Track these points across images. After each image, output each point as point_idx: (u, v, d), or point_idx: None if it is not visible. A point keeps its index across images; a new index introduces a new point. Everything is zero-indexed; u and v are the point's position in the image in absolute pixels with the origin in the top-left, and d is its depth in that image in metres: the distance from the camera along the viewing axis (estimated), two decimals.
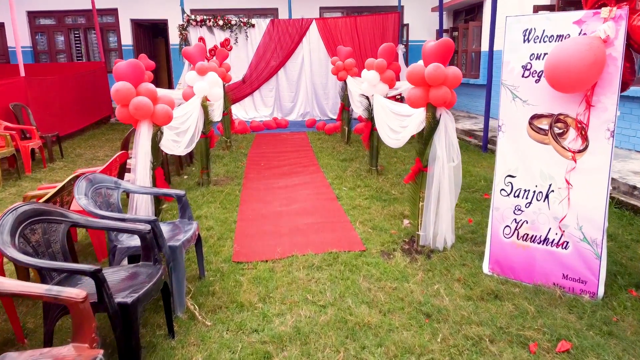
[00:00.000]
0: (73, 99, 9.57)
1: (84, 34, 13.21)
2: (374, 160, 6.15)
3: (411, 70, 3.56)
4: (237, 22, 11.42)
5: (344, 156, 7.27)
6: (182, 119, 4.49)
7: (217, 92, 5.60)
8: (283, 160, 7.24)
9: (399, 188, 5.47)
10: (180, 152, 4.34)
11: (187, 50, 5.51)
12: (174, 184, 5.94)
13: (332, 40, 11.64)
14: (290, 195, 5.41)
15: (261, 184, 5.95)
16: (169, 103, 3.53)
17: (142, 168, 3.39)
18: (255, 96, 11.94)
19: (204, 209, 4.86)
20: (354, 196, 5.20)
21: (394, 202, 4.96)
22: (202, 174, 5.81)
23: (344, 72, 7.87)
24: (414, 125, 3.99)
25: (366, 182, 5.71)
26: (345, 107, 8.24)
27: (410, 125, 4.07)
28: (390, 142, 4.87)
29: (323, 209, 4.83)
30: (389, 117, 5.17)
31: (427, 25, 13.55)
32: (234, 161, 7.17)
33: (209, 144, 5.75)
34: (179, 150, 4.31)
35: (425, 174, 3.71)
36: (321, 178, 6.05)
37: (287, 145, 8.49)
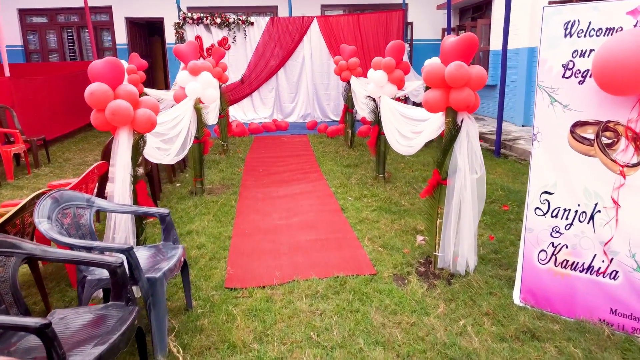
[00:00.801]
0: (63, 100, 9.13)
1: (77, 32, 12.76)
2: (380, 167, 5.70)
3: (429, 70, 3.11)
4: (235, 20, 10.99)
5: (347, 161, 6.82)
6: (172, 124, 4.05)
7: (212, 94, 5.15)
8: (283, 165, 6.79)
9: (409, 198, 5.03)
10: (169, 161, 3.90)
11: (178, 49, 5.07)
12: (166, 193, 5.50)
13: (334, 39, 11.20)
14: (290, 205, 4.96)
15: (259, 192, 5.51)
16: (152, 107, 3.09)
17: (120, 183, 2.94)
18: (254, 97, 11.51)
19: (195, 223, 4.41)
20: (361, 207, 4.75)
21: (404, 215, 4.51)
22: (196, 183, 5.36)
23: (348, 72, 7.43)
24: (429, 131, 3.55)
25: (373, 191, 5.26)
26: (348, 109, 7.80)
27: (425, 131, 3.62)
28: (401, 148, 4.43)
29: (327, 222, 4.39)
30: (398, 121, 4.73)
31: (432, 24, 13.11)
32: (230, 167, 6.73)
33: (203, 149, 5.30)
34: (168, 159, 3.86)
35: (444, 187, 3.27)
36: (324, 186, 5.60)
37: (287, 149, 8.04)
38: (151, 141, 3.41)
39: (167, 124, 3.90)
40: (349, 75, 7.43)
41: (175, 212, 4.78)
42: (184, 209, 4.84)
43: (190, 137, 4.70)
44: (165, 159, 3.77)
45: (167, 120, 3.89)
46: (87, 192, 3.31)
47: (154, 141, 3.46)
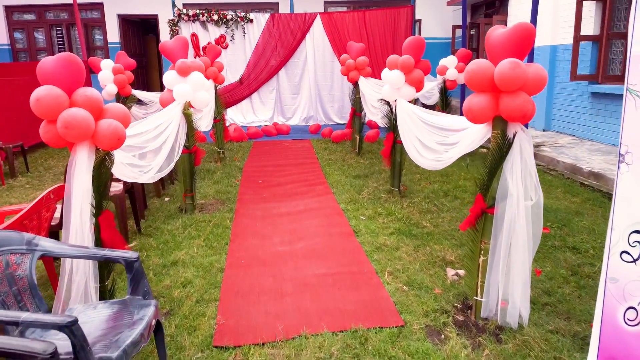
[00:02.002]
0: None
1: (67, 30, 12.09)
2: (396, 180, 5.03)
3: (474, 70, 2.44)
4: (233, 17, 10.33)
5: (356, 171, 6.15)
6: (153, 134, 3.38)
7: (203, 97, 4.48)
8: (285, 175, 6.12)
9: (431, 217, 4.36)
10: (148, 179, 3.23)
11: (164, 45, 4.41)
12: (152, 209, 4.82)
13: (338, 37, 10.54)
14: (294, 226, 4.30)
15: (258, 209, 4.84)
16: (120, 117, 2.42)
17: (77, 216, 2.28)
18: (254, 99, 10.84)
19: (183, 249, 3.74)
20: (376, 230, 4.09)
21: (428, 240, 3.84)
22: (186, 198, 4.69)
23: (356, 72, 6.76)
24: (465, 144, 2.89)
25: (388, 209, 4.59)
26: (356, 113, 7.13)
27: (460, 143, 2.96)
28: (424, 162, 3.75)
29: (338, 250, 3.71)
30: (419, 129, 4.06)
31: (441, 21, 12.44)
32: (226, 177, 6.06)
33: (194, 161, 4.64)
34: (147, 177, 3.19)
35: (490, 217, 2.60)
36: (332, 202, 4.93)
37: (289, 155, 7.37)
38: (123, 157, 2.74)
39: (147, 134, 3.23)
40: (357, 76, 6.77)
41: (160, 234, 4.11)
42: (170, 231, 4.17)
43: (178, 147, 4.03)
44: (143, 177, 3.10)
45: (146, 131, 3.22)
46: (41, 223, 2.64)
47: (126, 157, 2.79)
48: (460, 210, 4.52)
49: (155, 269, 3.41)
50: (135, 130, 3.04)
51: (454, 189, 5.20)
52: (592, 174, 5.45)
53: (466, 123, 3.04)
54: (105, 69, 6.56)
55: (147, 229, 4.27)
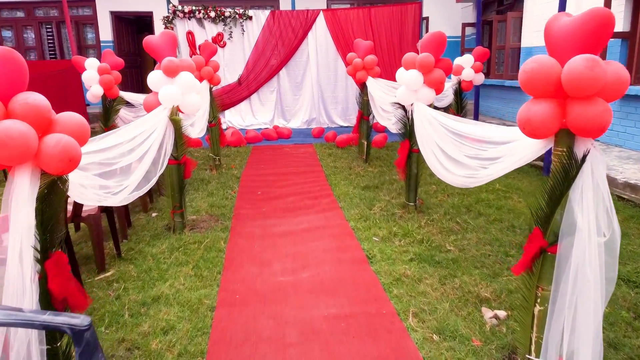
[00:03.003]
0: None
1: (57, 28, 11.55)
2: (411, 193, 4.47)
3: (534, 69, 1.88)
4: (231, 14, 9.78)
5: (365, 181, 5.59)
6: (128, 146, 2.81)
7: (194, 101, 3.93)
8: (286, 186, 5.56)
9: (455, 239, 3.80)
10: (120, 201, 2.67)
11: (149, 42, 3.85)
12: (136, 227, 4.27)
13: (342, 35, 9.99)
14: (297, 249, 3.74)
15: (256, 226, 4.29)
16: (75, 129, 1.86)
17: (14, 263, 1.72)
18: (253, 100, 10.29)
19: (167, 281, 3.18)
20: (392, 255, 3.53)
21: (455, 268, 3.29)
22: (174, 216, 4.13)
23: (364, 72, 6.20)
24: (511, 160, 2.33)
25: (405, 228, 4.04)
26: (363, 116, 6.57)
27: (505, 159, 2.40)
28: (451, 178, 3.19)
29: (349, 282, 3.15)
30: (443, 139, 3.50)
31: (450, 19, 11.89)
32: (222, 188, 5.50)
33: (183, 173, 4.08)
34: (119, 199, 2.63)
35: (551, 257, 2.04)
36: (340, 219, 4.37)
37: (291, 162, 6.82)
38: (83, 177, 2.18)
39: (120, 147, 2.67)
40: (365, 76, 6.21)
41: (143, 260, 3.55)
42: (155, 256, 3.61)
43: (163, 158, 3.48)
44: (113, 200, 2.54)
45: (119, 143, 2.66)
46: None
47: (87, 177, 2.23)
48: (488, 230, 3.96)
49: (133, 307, 2.85)
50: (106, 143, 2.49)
51: (476, 203, 4.64)
52: (627, 186, 4.89)
53: (509, 134, 2.49)
54: (89, 68, 5.99)
55: (129, 252, 3.72)
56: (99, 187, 2.35)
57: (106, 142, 2.50)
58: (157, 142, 3.40)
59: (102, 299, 2.96)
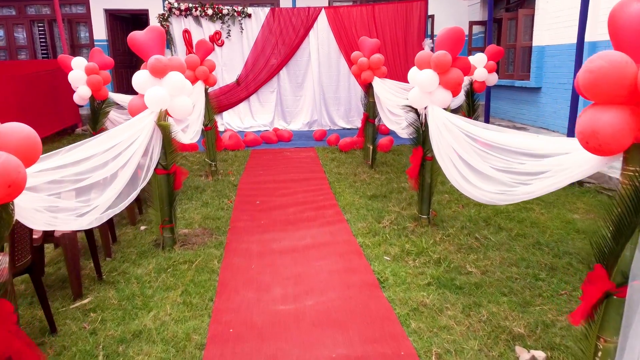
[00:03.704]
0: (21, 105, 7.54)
1: (49, 27, 11.14)
2: (424, 205, 4.07)
3: (602, 68, 1.49)
4: (230, 11, 9.39)
5: (372, 189, 5.19)
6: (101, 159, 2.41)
7: (184, 104, 3.53)
8: (287, 195, 5.17)
9: (475, 258, 3.40)
10: (87, 224, 2.27)
11: (134, 38, 3.44)
12: (122, 243, 3.87)
13: (345, 34, 9.61)
14: (299, 269, 3.34)
15: (254, 242, 3.89)
16: (19, 145, 1.47)
17: None
18: (252, 101, 9.90)
19: (152, 311, 2.78)
20: (407, 278, 3.13)
21: (479, 294, 2.89)
22: (163, 231, 3.73)
23: (370, 72, 5.80)
24: (559, 179, 1.94)
25: (418, 245, 3.64)
26: (369, 119, 6.17)
27: (551, 174, 2.01)
28: (477, 193, 2.80)
29: (360, 313, 2.76)
30: (464, 147, 3.12)
31: (456, 17, 11.48)
32: (218, 197, 5.10)
33: (173, 183, 3.68)
34: (85, 222, 2.23)
35: (616, 302, 1.64)
36: (346, 233, 3.98)
37: (292, 167, 6.42)
38: (38, 200, 1.78)
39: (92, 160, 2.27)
40: (371, 77, 5.81)
41: (126, 283, 3.15)
42: (140, 278, 3.21)
43: (146, 170, 3.08)
44: (77, 223, 2.13)
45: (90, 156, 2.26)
46: None
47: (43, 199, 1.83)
48: (511, 248, 3.56)
49: (109, 346, 2.45)
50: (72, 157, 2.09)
51: (494, 215, 4.24)
52: None
53: (552, 146, 2.10)
54: (76, 68, 5.61)
55: (112, 273, 3.32)
56: (59, 210, 1.95)
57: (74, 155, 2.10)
58: (139, 152, 3.00)
59: (75, 334, 2.57)
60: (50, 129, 8.65)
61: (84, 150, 2.21)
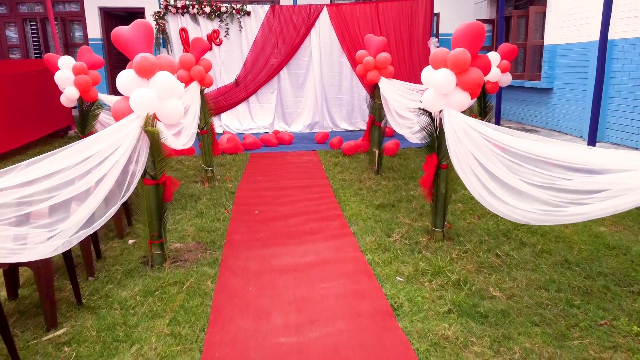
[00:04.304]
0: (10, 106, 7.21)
1: (42, 25, 10.80)
2: (439, 217, 3.72)
3: None
4: (228, 9, 9.04)
5: (379, 198, 4.84)
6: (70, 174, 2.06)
7: (174, 108, 3.18)
8: (288, 204, 4.82)
9: (498, 279, 3.05)
10: (50, 252, 1.93)
11: (118, 34, 3.08)
12: (107, 260, 3.52)
13: (348, 32, 9.26)
14: (302, 292, 2.99)
15: (252, 258, 3.54)
16: None
17: None
18: (252, 102, 9.55)
19: (135, 345, 2.43)
20: (424, 304, 2.78)
21: (507, 324, 2.54)
22: (152, 247, 3.38)
23: (376, 72, 5.45)
24: (625, 201, 1.59)
25: (434, 262, 3.29)
26: (375, 122, 5.82)
27: (623, 191, 1.66)
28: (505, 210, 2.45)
29: (372, 350, 2.40)
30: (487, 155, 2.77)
31: (462, 15, 11.15)
32: (213, 206, 4.75)
33: (162, 195, 3.33)
34: (49, 250, 1.89)
35: None
36: (353, 249, 3.63)
37: (293, 173, 6.07)
38: None
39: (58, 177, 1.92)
40: (378, 77, 5.46)
41: (108, 309, 2.80)
42: (124, 303, 2.86)
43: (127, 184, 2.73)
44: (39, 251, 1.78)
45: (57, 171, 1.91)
46: None
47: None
48: (537, 267, 3.21)
49: None
50: (31, 174, 1.74)
51: (515, 228, 3.89)
52: None
53: (612, 160, 1.75)
54: (63, 68, 5.26)
55: (93, 297, 2.97)
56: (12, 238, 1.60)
57: (35, 171, 1.75)
58: (120, 163, 2.65)
59: None
60: (41, 131, 8.31)
61: (49, 165, 1.86)
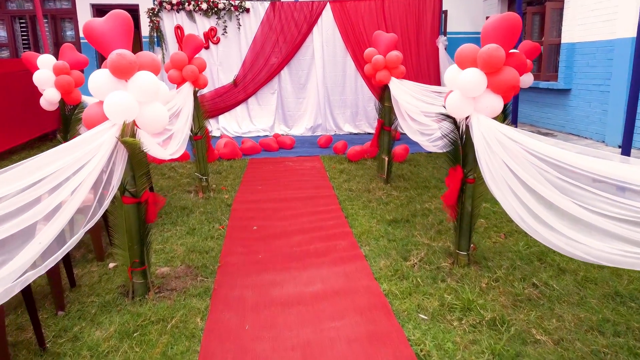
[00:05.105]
0: None
1: (32, 23, 10.33)
2: (463, 239, 3.24)
3: None
4: (226, 5, 8.58)
5: (391, 212, 4.36)
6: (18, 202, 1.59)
7: (157, 114, 2.70)
8: (290, 218, 4.34)
9: (540, 316, 2.57)
10: None
11: (90, 28, 2.58)
12: (82, 289, 3.05)
13: (352, 30, 8.80)
14: (308, 335, 2.52)
15: (249, 286, 3.07)
16: None
17: None
18: (251, 104, 9.09)
19: None
20: (456, 353, 2.30)
21: None
22: (132, 275, 2.91)
23: (386, 72, 4.97)
24: None
25: (461, 295, 2.81)
26: (384, 127, 5.34)
27: None
28: (565, 245, 1.98)
29: None
30: (532, 173, 2.31)
31: (471, 13, 10.70)
32: (207, 221, 4.28)
33: (145, 215, 2.86)
34: None
35: None
36: (366, 276, 3.15)
37: (295, 181, 5.60)
38: None
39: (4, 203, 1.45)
40: (388, 77, 4.98)
41: (76, 357, 2.33)
42: (94, 349, 2.39)
43: (94, 204, 2.26)
44: None
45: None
46: None
47: None
48: (584, 300, 2.74)
49: None
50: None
51: (549, 250, 3.39)
52: None
53: None
54: (43, 67, 4.80)
55: (59, 339, 2.50)
56: None
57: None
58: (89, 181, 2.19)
59: None
60: (28, 135, 7.85)
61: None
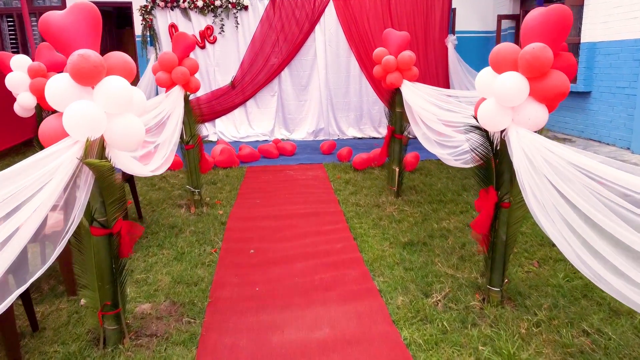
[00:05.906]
0: None
1: (20, 21, 9.84)
2: (496, 273, 2.75)
3: None
4: (223, 2, 8.10)
5: (405, 232, 3.88)
6: None
7: (130, 129, 2.22)
8: (292, 239, 3.86)
9: None
10: None
11: (47, 23, 2.08)
12: (48, 331, 2.56)
13: (356, 29, 8.31)
14: None
15: (245, 331, 2.59)
16: None
17: None
18: (250, 107, 8.61)
19: None
20: None
21: None
22: (103, 320, 2.42)
23: (398, 75, 4.49)
24: None
25: (500, 348, 2.32)
26: (395, 134, 4.85)
27: None
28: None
29: None
30: (592, 203, 1.83)
31: (480, 11, 10.21)
32: (198, 242, 3.79)
33: (118, 248, 2.37)
34: None
35: None
36: (382, 319, 2.66)
37: (297, 194, 5.11)
38: None
39: None
40: (400, 79, 4.50)
41: None
42: None
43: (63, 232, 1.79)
44: None
45: None
46: None
47: None
48: None
49: None
50: None
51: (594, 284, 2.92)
52: None
53: None
54: (17, 69, 4.31)
55: None
56: None
57: None
58: (41, 211, 1.70)
59: None
60: (11, 140, 7.37)
61: None
